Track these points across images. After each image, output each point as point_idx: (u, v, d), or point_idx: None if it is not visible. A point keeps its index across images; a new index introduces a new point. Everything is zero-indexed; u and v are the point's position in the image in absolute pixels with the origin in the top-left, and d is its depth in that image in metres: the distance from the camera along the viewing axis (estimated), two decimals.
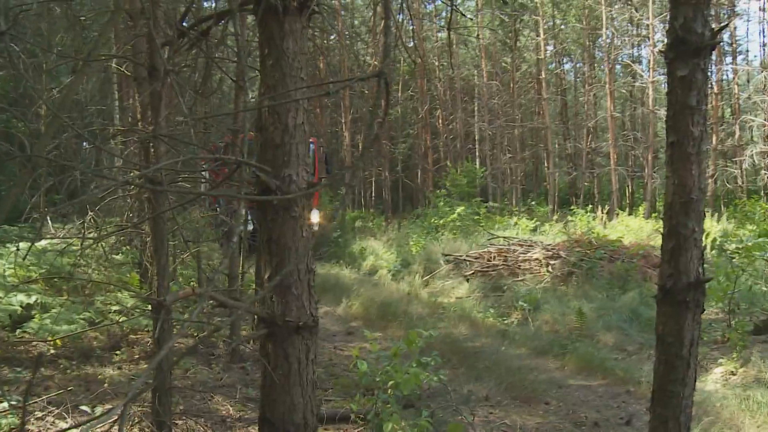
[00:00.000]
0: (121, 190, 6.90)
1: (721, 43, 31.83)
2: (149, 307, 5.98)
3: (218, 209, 10.53)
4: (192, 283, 9.24)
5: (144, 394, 4.92)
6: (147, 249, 6.80)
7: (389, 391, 4.92)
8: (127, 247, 9.77)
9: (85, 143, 12.03)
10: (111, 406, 4.89)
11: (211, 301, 3.54)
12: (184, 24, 4.13)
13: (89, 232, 6.39)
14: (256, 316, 3.72)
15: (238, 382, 6.45)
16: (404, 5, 4.71)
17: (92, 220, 6.33)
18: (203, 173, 5.86)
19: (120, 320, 7.31)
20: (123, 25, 9.08)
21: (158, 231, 4.32)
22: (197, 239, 7.85)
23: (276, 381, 3.37)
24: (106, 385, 5.90)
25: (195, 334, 7.66)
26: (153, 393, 4.31)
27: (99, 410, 4.97)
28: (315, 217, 16.72)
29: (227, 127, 7.86)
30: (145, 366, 5.95)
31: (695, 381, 2.84)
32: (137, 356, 6.96)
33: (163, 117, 3.97)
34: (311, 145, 16.02)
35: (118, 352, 6.88)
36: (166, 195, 3.86)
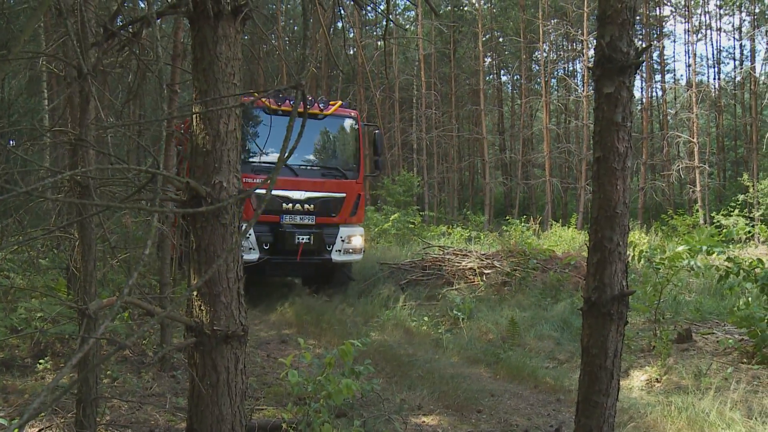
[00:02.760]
0: (50, 192, 6.66)
1: (651, 62, 32.95)
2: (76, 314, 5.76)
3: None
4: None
5: (69, 403, 4.75)
6: (75, 254, 6.57)
7: (321, 401, 4.89)
8: (55, 251, 9.43)
9: (11, 141, 11.61)
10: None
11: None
12: (118, 23, 4.03)
13: (12, 236, 6.14)
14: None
15: (168, 391, 6.30)
16: (341, 13, 4.71)
17: (16, 222, 6.08)
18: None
19: (45, 328, 7.04)
20: (54, 21, 8.80)
21: (85, 236, 4.18)
22: (127, 245, 7.63)
23: (204, 392, 3.31)
24: (27, 396, 5.68)
25: (123, 342, 7.42)
26: (77, 403, 4.15)
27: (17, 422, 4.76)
28: (358, 240, 12.07)
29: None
30: (71, 376, 5.74)
31: (618, 391, 2.91)
32: (63, 365, 6.71)
33: (92, 119, 3.85)
34: (376, 132, 12.60)
35: (42, 361, 6.63)
36: (92, 199, 3.75)
